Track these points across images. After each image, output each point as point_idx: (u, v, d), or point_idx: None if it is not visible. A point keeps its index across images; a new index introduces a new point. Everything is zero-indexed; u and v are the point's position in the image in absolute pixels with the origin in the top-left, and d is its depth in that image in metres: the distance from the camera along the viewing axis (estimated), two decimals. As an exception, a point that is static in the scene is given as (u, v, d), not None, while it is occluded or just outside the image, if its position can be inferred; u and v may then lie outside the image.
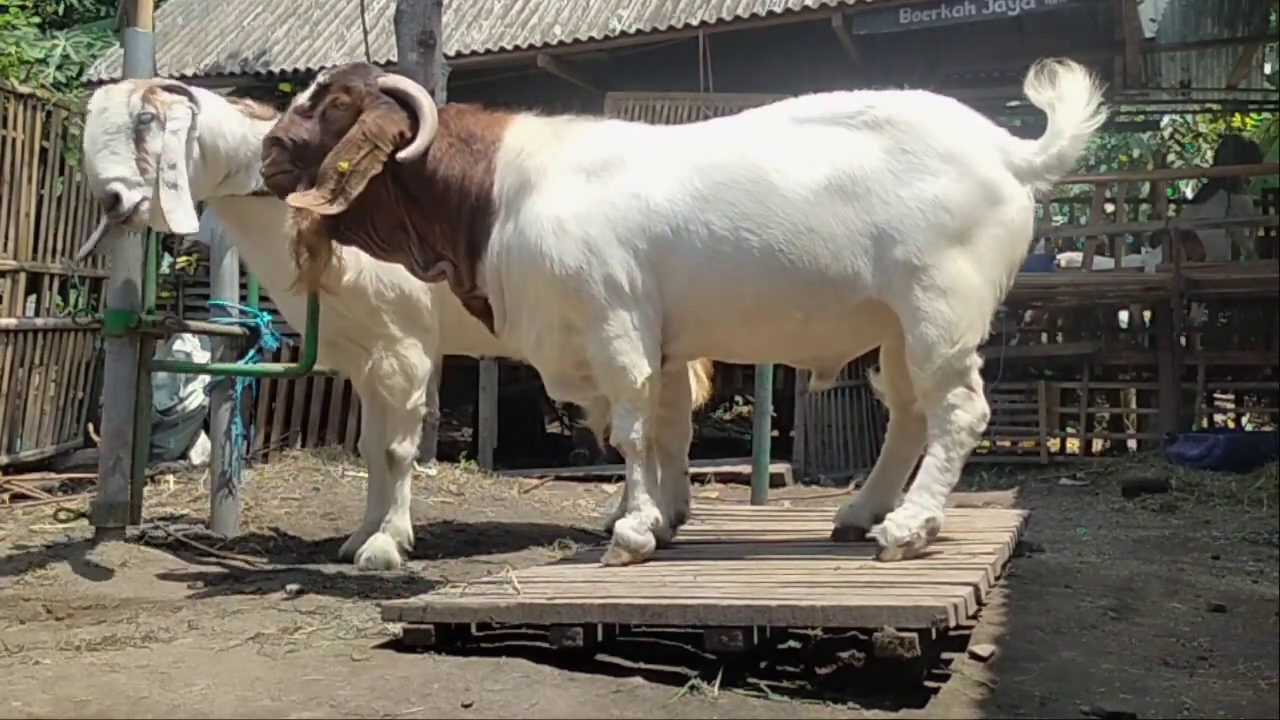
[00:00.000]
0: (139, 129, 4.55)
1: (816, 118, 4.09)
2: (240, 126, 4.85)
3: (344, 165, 4.06)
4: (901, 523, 3.86)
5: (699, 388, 5.61)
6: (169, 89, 4.74)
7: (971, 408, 3.97)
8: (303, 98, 4.31)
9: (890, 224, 3.89)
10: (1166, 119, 17.53)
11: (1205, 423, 11.31)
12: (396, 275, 4.87)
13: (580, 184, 4.08)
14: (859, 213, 3.91)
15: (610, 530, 4.31)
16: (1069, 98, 4.06)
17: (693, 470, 4.72)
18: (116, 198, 4.50)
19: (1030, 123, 18.28)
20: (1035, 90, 4.10)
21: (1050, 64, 4.07)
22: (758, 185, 3.95)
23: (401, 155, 4.10)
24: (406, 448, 5.11)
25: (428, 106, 4.20)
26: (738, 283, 3.99)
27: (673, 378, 4.42)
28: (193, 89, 4.83)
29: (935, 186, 3.90)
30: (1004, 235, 4.00)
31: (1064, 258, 11.12)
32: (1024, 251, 4.14)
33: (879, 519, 4.05)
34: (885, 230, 3.90)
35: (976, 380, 4.01)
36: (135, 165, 4.53)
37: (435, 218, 4.22)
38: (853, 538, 4.30)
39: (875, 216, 3.91)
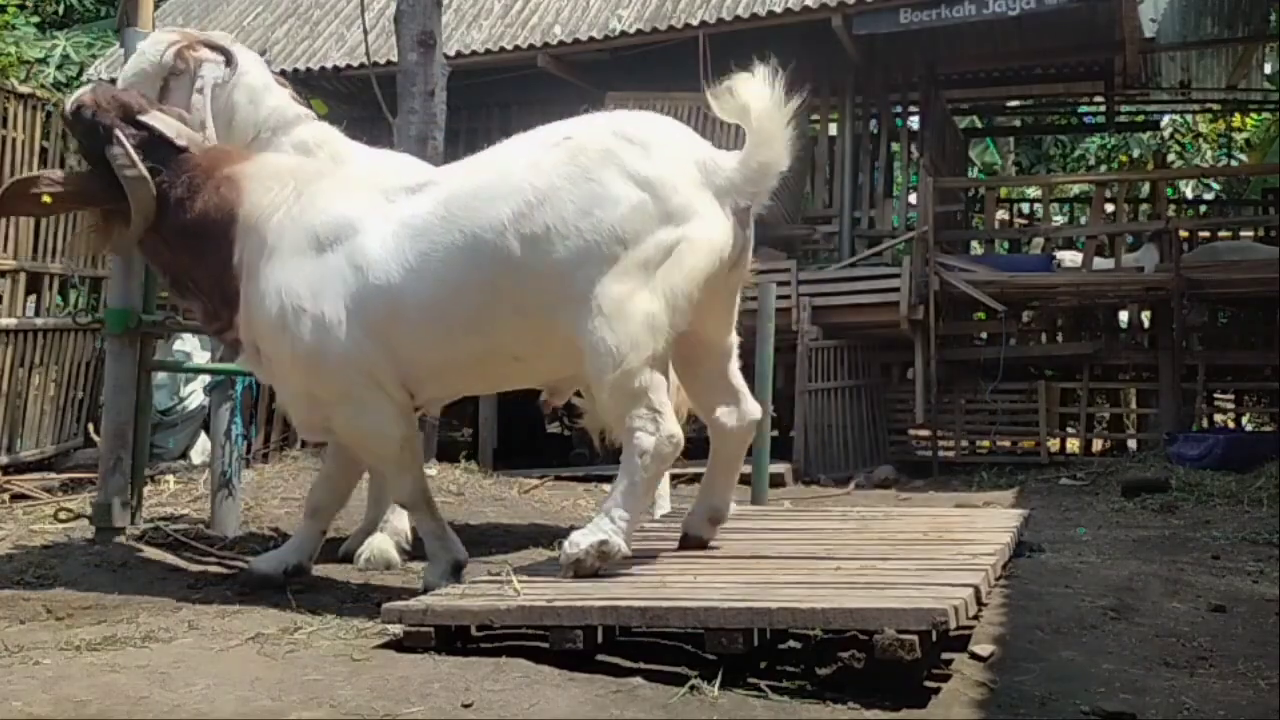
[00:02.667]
0: (167, 80, 4.69)
1: (517, 158, 4.04)
2: (275, 98, 4.90)
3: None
4: (576, 540, 3.83)
5: None
6: (212, 46, 4.82)
7: (656, 429, 3.82)
8: None
9: (571, 260, 3.81)
10: (1166, 119, 17.53)
11: (1205, 423, 11.33)
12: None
13: (314, 256, 4.15)
14: (545, 254, 3.84)
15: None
16: (759, 104, 3.87)
17: (693, 470, 4.74)
18: None
19: (1030, 123, 18.32)
20: (721, 106, 3.93)
21: (727, 79, 3.90)
22: (458, 249, 3.96)
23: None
24: None
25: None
26: (453, 344, 4.07)
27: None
28: (237, 49, 4.90)
29: (613, 215, 3.80)
30: (689, 258, 3.82)
31: (1064, 257, 11.13)
32: (720, 271, 3.92)
33: (716, 522, 4.22)
34: (568, 267, 3.82)
35: (661, 401, 3.84)
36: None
37: (189, 269, 4.43)
38: (694, 545, 4.30)
39: (559, 254, 3.83)
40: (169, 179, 4.35)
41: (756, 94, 3.86)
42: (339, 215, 4.17)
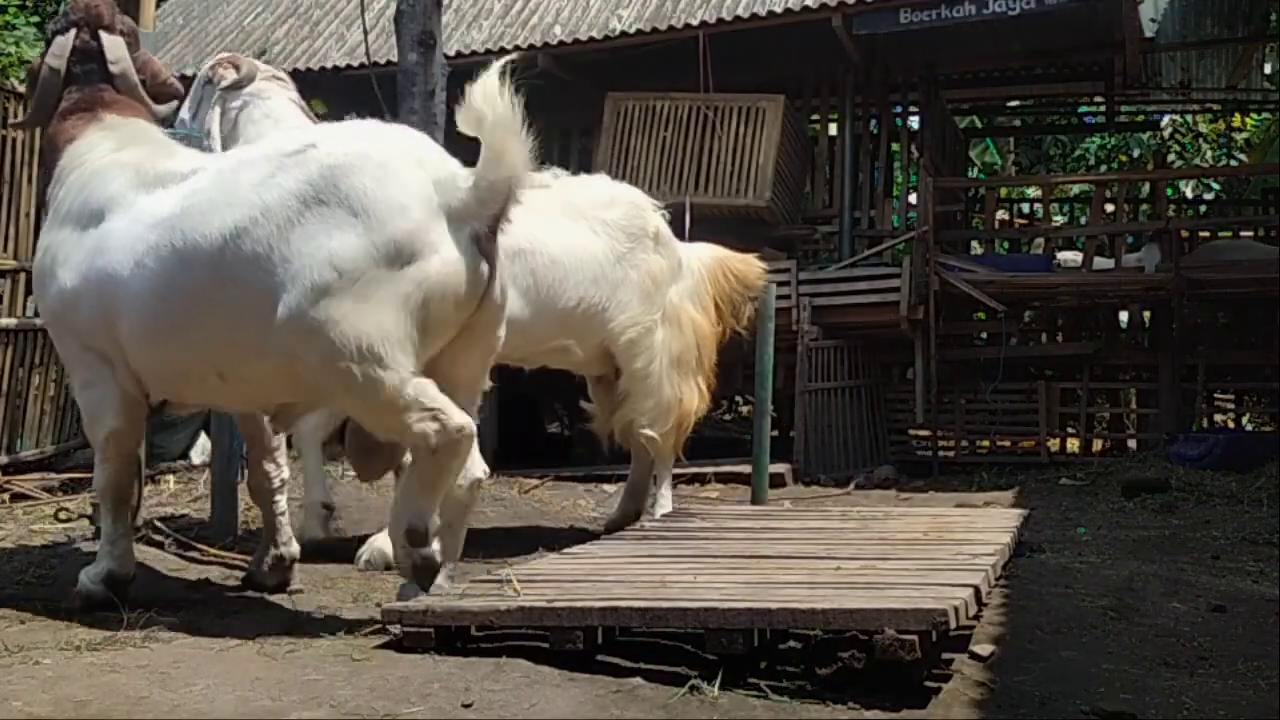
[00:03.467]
0: (203, 88, 5.09)
1: (251, 165, 3.87)
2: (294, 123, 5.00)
3: None
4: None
5: (699, 400, 5.76)
6: (236, 64, 5.11)
7: (442, 425, 3.67)
8: None
9: (283, 284, 3.61)
10: (1166, 119, 17.52)
11: (1205, 423, 11.32)
12: None
13: (76, 225, 4.14)
14: (263, 274, 3.65)
15: (610, 529, 4.33)
16: (491, 114, 3.58)
17: (692, 470, 4.75)
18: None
19: (1030, 123, 18.29)
20: (460, 117, 3.66)
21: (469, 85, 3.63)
22: (176, 250, 3.83)
23: None
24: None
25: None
26: (159, 346, 3.95)
27: None
28: (267, 79, 5.13)
29: (333, 243, 3.58)
30: (415, 294, 3.60)
31: (1064, 257, 11.13)
32: (454, 309, 3.69)
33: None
34: (278, 292, 3.62)
35: (433, 397, 3.67)
36: (192, 113, 5.09)
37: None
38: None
39: (278, 277, 3.63)
40: (72, 93, 4.39)
41: (490, 104, 3.57)
42: (109, 194, 4.11)
